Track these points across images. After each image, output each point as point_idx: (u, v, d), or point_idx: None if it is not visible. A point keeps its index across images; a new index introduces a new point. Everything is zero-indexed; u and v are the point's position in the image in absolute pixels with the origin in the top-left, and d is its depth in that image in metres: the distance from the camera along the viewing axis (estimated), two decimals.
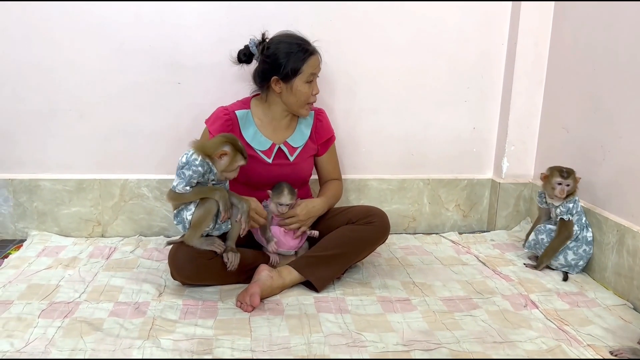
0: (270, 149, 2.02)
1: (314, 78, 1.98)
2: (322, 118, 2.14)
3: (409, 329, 1.64)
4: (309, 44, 1.96)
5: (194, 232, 1.78)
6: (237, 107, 2.03)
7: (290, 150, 2.05)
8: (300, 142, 2.07)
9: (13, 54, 2.22)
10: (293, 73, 1.93)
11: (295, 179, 2.06)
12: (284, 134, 2.06)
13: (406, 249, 2.33)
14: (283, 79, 1.94)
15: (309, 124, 2.11)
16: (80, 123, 2.32)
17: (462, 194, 2.60)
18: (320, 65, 2.00)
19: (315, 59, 1.96)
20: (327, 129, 2.16)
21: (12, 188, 2.34)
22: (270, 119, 2.04)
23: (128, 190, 2.39)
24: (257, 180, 2.01)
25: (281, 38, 1.97)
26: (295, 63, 1.92)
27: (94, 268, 2.04)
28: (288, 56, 1.92)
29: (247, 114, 2.02)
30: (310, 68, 1.94)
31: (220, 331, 1.61)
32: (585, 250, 2.06)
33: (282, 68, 1.92)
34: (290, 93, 1.97)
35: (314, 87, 1.99)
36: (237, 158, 1.77)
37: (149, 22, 2.25)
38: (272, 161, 2.02)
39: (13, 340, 1.51)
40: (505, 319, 1.72)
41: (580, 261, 2.07)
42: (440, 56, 2.45)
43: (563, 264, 2.09)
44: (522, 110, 2.49)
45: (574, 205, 2.07)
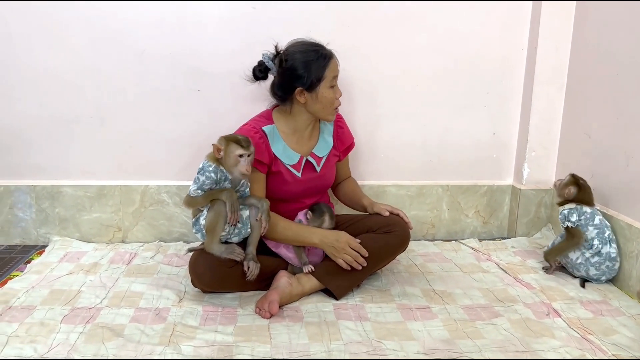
0: (298, 162, 1.99)
1: (336, 81, 1.96)
2: (342, 125, 2.14)
3: (430, 337, 1.63)
4: (324, 49, 1.93)
5: (211, 238, 1.79)
6: (263, 123, 1.97)
7: (317, 161, 2.03)
8: (325, 151, 2.06)
9: (35, 61, 2.26)
10: (317, 81, 1.89)
11: (322, 188, 2.07)
12: (308, 144, 2.04)
13: (425, 255, 2.31)
14: (307, 89, 1.90)
15: (330, 132, 2.10)
16: (102, 130, 2.35)
17: (482, 200, 2.58)
18: (339, 66, 1.98)
19: (334, 62, 1.93)
20: (348, 135, 2.16)
21: (34, 194, 2.37)
22: (293, 130, 2.01)
23: (148, 196, 2.41)
24: (287, 195, 1.99)
25: (297, 48, 1.93)
26: (318, 71, 1.88)
27: (114, 274, 2.06)
28: (308, 65, 1.88)
29: (273, 128, 1.97)
30: (331, 72, 1.91)
31: (240, 338, 1.61)
32: (609, 266, 2.00)
33: (304, 78, 1.88)
34: (316, 101, 1.92)
35: (337, 90, 1.97)
36: (231, 148, 1.75)
37: (170, 30, 2.27)
38: (302, 175, 2.00)
39: (36, 345, 1.53)
40: (528, 327, 1.69)
41: (602, 276, 2.02)
42: (460, 61, 2.43)
43: (584, 277, 2.05)
44: (543, 115, 2.46)
45: (569, 213, 2.05)
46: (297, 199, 2.02)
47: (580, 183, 2.09)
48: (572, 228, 2.04)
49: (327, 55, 1.91)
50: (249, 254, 1.83)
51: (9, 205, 2.37)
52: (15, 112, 2.30)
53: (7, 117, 2.30)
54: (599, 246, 2.00)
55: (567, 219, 2.05)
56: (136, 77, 2.30)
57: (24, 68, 2.26)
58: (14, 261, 2.20)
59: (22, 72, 2.26)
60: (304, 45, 1.93)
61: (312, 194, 2.06)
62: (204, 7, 2.26)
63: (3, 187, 2.36)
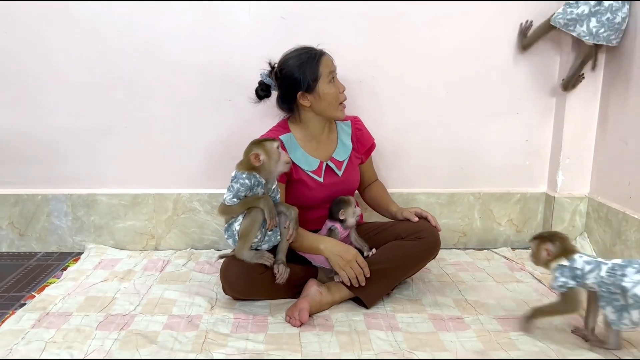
0: (319, 167, 2.00)
1: (334, 75, 1.95)
2: (360, 126, 2.13)
3: (463, 348, 1.60)
4: (314, 49, 1.94)
5: (243, 244, 1.80)
6: (280, 132, 2.00)
7: (337, 165, 2.03)
8: (345, 154, 2.06)
9: (71, 73, 2.32)
10: (314, 80, 1.90)
11: (347, 192, 2.05)
12: (327, 149, 2.05)
13: (457, 265, 2.29)
14: (307, 91, 1.92)
15: (349, 134, 2.09)
16: (136, 139, 2.40)
17: (515, 209, 2.53)
18: (334, 62, 1.97)
19: (327, 58, 1.93)
20: (367, 137, 2.15)
21: (70, 202, 2.43)
22: (309, 137, 2.02)
23: (181, 204, 2.45)
24: (311, 202, 2.00)
25: (287, 56, 1.95)
26: (312, 70, 1.89)
27: (148, 281, 2.09)
28: (302, 67, 1.90)
29: (290, 137, 2.00)
30: (326, 68, 1.91)
31: (271, 346, 1.61)
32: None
33: (301, 81, 1.90)
34: (320, 100, 1.93)
35: (338, 84, 1.96)
36: (267, 146, 1.78)
37: (202, 41, 2.30)
38: (324, 180, 2.00)
39: (73, 351, 1.57)
40: (564, 339, 1.65)
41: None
42: (492, 67, 2.40)
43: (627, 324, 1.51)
44: (578, 121, 2.41)
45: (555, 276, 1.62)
46: (322, 205, 2.01)
47: (549, 235, 1.70)
48: (564, 293, 1.61)
49: (317, 53, 1.92)
50: (279, 259, 1.85)
51: (46, 214, 2.43)
52: (53, 124, 2.37)
53: (45, 128, 2.37)
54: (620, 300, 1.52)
55: (553, 284, 1.63)
56: (169, 88, 2.35)
57: (61, 80, 2.33)
58: (50, 268, 2.26)
59: (58, 84, 2.33)
60: (293, 51, 1.95)
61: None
62: (235, 18, 2.29)
63: (40, 196, 2.42)
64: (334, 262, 1.85)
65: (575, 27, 2.15)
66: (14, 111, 2.35)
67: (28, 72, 2.31)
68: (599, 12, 2.10)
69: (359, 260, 1.85)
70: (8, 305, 1.90)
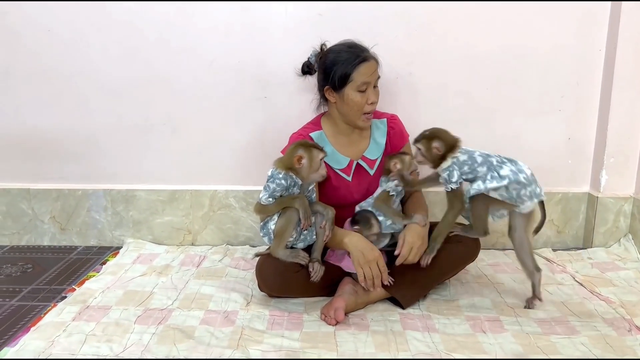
0: (348, 166, 1.97)
1: (368, 87, 1.86)
2: (395, 125, 2.06)
3: (502, 351, 1.57)
4: (362, 51, 1.85)
5: (278, 243, 1.80)
6: (310, 130, 1.99)
7: (369, 164, 1.99)
8: (378, 153, 2.01)
9: (113, 72, 2.36)
10: (342, 81, 1.84)
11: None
12: (359, 147, 2.01)
13: (496, 266, 2.24)
14: (334, 88, 1.87)
15: (383, 133, 2.03)
16: (174, 137, 2.43)
17: (556, 209, 2.47)
18: (378, 72, 1.89)
19: (368, 67, 1.84)
20: (402, 136, 2.07)
21: (110, 198, 2.48)
22: (340, 134, 1.99)
23: (217, 200, 2.47)
24: (340, 200, 1.97)
25: (334, 46, 1.91)
26: (344, 70, 1.83)
27: (185, 276, 2.12)
28: (336, 63, 1.85)
29: (321, 134, 1.98)
30: (361, 76, 1.83)
31: (307, 344, 1.61)
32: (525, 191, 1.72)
33: (330, 76, 1.86)
34: (343, 102, 1.88)
35: (370, 96, 1.87)
36: (314, 153, 1.77)
37: (238, 39, 2.31)
38: (352, 179, 1.98)
39: (112, 345, 1.59)
40: (608, 344, 1.60)
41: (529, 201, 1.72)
42: (532, 63, 2.34)
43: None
44: (623, 119, 2.33)
45: (450, 173, 1.73)
46: (352, 204, 1.97)
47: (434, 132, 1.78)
48: (453, 190, 1.74)
49: (360, 57, 1.84)
50: (314, 257, 1.84)
51: (86, 208, 2.49)
52: (93, 121, 2.42)
53: (86, 126, 2.42)
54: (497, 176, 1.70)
55: (448, 182, 1.74)
56: (206, 86, 2.37)
57: (102, 79, 2.37)
58: (90, 262, 2.31)
59: (99, 83, 2.38)
60: (341, 45, 1.91)
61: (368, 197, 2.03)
62: (271, 15, 2.29)
63: (81, 191, 2.48)
64: (354, 258, 1.80)
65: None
66: (57, 109, 2.41)
67: (70, 71, 2.37)
68: None
69: (380, 264, 1.80)
70: (50, 297, 1.95)
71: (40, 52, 2.35)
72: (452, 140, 1.77)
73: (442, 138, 1.76)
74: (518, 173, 1.71)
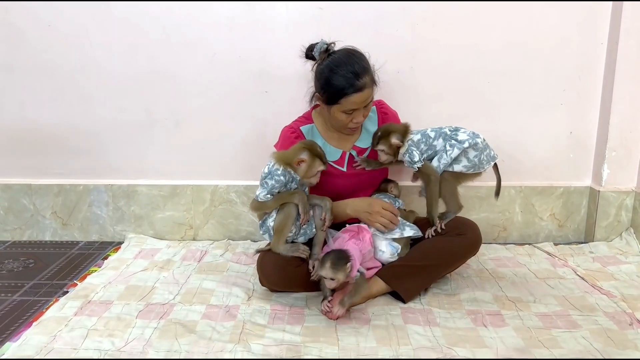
0: (341, 157, 1.99)
1: (355, 111, 1.85)
2: (386, 110, 2.07)
3: (503, 345, 1.57)
4: (359, 77, 1.78)
5: (278, 238, 1.81)
6: (301, 123, 2.01)
7: (360, 153, 2.01)
8: (369, 142, 2.01)
9: (114, 67, 2.36)
10: (331, 102, 1.84)
11: (373, 178, 2.04)
12: (351, 138, 2.03)
13: (497, 260, 2.24)
14: (323, 101, 1.88)
15: (374, 120, 2.04)
16: (175, 132, 2.42)
17: (558, 203, 2.46)
18: (372, 95, 1.87)
19: (360, 96, 1.80)
20: (393, 118, 2.07)
21: (111, 193, 2.48)
22: (331, 127, 2.01)
23: (218, 195, 2.47)
24: (336, 191, 1.98)
25: (337, 59, 1.83)
26: (334, 95, 1.81)
27: (186, 271, 2.12)
28: (329, 85, 1.81)
29: (312, 127, 2.00)
30: (350, 104, 1.81)
31: (308, 338, 1.61)
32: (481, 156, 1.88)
33: (323, 91, 1.85)
34: (330, 115, 1.90)
35: (355, 116, 1.86)
36: (315, 163, 1.78)
37: (239, 33, 2.31)
38: (347, 169, 1.99)
39: (114, 339, 1.60)
40: (609, 338, 1.60)
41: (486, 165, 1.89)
42: (535, 58, 2.34)
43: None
44: (625, 113, 2.32)
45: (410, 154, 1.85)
46: (350, 194, 1.99)
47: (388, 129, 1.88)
48: (422, 167, 1.86)
49: (353, 87, 1.79)
50: (315, 254, 1.85)
51: (87, 204, 2.49)
52: (95, 116, 2.42)
53: (87, 120, 2.42)
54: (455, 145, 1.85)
55: (413, 163, 1.86)
56: (207, 81, 2.36)
57: (104, 74, 2.37)
58: (92, 257, 2.31)
59: (101, 77, 2.37)
60: (342, 62, 1.81)
61: (365, 187, 2.05)
62: (273, 10, 2.28)
63: (82, 186, 2.48)
64: (365, 220, 1.89)
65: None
66: (59, 104, 2.41)
67: (72, 66, 2.36)
68: None
69: (385, 206, 1.88)
70: (52, 292, 1.96)
71: (41, 48, 2.35)
72: (403, 128, 1.89)
73: (396, 131, 1.88)
74: (474, 137, 1.86)
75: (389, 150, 1.88)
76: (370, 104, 1.88)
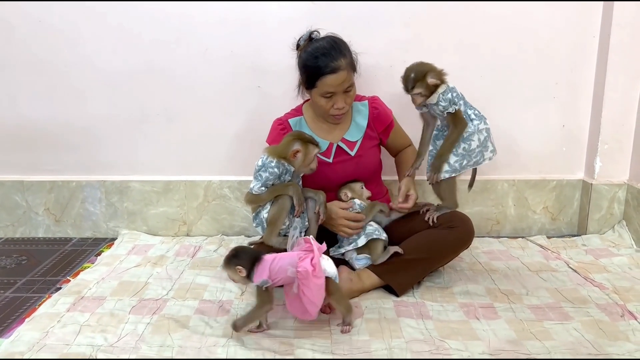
0: (328, 149, 2.01)
1: (335, 94, 1.88)
2: (377, 105, 2.08)
3: (495, 337, 1.57)
4: (334, 59, 1.83)
5: (271, 231, 1.81)
6: (291, 116, 2.06)
7: (349, 146, 2.02)
8: (358, 135, 2.03)
9: (105, 62, 2.35)
10: (309, 85, 1.90)
11: (361, 173, 2.03)
12: (339, 131, 2.04)
13: (490, 253, 2.24)
14: (304, 86, 1.95)
15: (365, 115, 2.05)
16: (168, 127, 2.42)
17: (551, 196, 2.47)
18: (351, 79, 1.89)
19: (335, 78, 1.84)
20: (385, 115, 2.08)
21: (104, 189, 2.47)
22: (321, 119, 2.03)
23: (211, 191, 2.46)
24: (324, 183, 1.98)
25: (316, 45, 1.89)
26: (311, 77, 1.87)
27: (180, 266, 2.12)
28: (306, 68, 1.89)
29: (300, 120, 2.04)
30: (325, 86, 1.85)
31: (301, 332, 1.61)
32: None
33: (301, 76, 1.93)
34: (312, 101, 1.97)
35: (336, 101, 1.89)
36: (309, 149, 1.80)
37: (232, 28, 2.30)
38: (333, 160, 2.00)
39: (107, 335, 1.59)
40: (601, 329, 1.61)
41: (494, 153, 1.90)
42: (527, 51, 2.34)
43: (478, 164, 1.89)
44: (617, 106, 2.33)
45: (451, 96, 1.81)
46: (336, 186, 2.00)
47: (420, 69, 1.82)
48: (457, 111, 1.80)
49: (328, 68, 1.83)
50: None
51: (80, 200, 2.48)
52: (87, 112, 2.41)
53: (80, 116, 2.41)
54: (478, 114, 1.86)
55: (453, 104, 1.79)
56: (200, 76, 2.36)
57: (95, 69, 2.36)
58: (85, 253, 2.30)
59: (93, 73, 2.36)
60: (319, 46, 1.88)
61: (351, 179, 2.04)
62: (265, 4, 2.27)
63: (75, 183, 2.47)
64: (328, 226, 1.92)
65: None
66: (51, 100, 2.40)
67: (64, 61, 2.35)
68: None
69: (345, 215, 1.88)
70: (44, 289, 1.95)
71: (33, 43, 2.33)
72: (437, 68, 1.83)
73: (431, 70, 1.81)
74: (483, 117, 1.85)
75: (426, 92, 1.78)
76: (351, 90, 1.91)
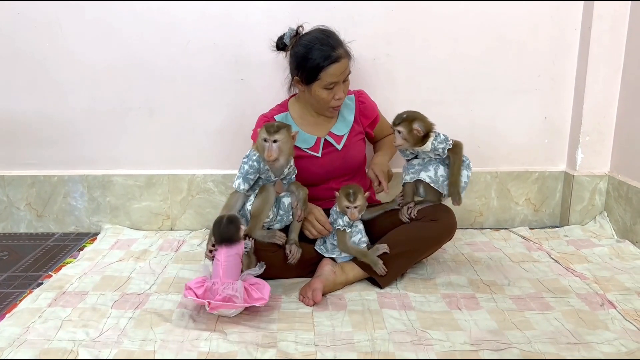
0: (316, 143, 2.01)
1: (336, 84, 1.90)
2: (363, 99, 2.09)
3: (477, 327, 1.59)
4: (334, 48, 1.86)
5: (254, 223, 1.80)
6: (276, 112, 2.05)
7: (336, 140, 2.03)
8: (345, 129, 2.05)
9: (86, 56, 2.32)
10: (310, 78, 1.89)
11: (347, 166, 2.04)
12: (326, 125, 2.05)
13: (473, 245, 2.26)
14: (302, 81, 1.92)
15: (352, 109, 2.07)
16: (151, 121, 2.40)
17: (533, 188, 2.49)
18: (349, 68, 1.92)
19: (338, 67, 1.87)
20: (371, 109, 2.10)
21: (86, 184, 2.45)
22: (309, 115, 2.04)
23: (195, 185, 2.45)
24: (312, 177, 1.99)
25: (308, 36, 1.91)
26: (313, 69, 1.86)
27: (163, 260, 2.11)
28: (306, 61, 1.87)
29: (286, 115, 2.03)
30: (329, 77, 1.87)
31: (284, 324, 1.61)
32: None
33: (299, 71, 1.90)
34: (310, 96, 1.95)
35: (337, 92, 1.91)
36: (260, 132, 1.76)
37: (214, 20, 2.28)
38: (321, 155, 2.01)
39: (88, 329, 1.58)
40: (581, 319, 1.63)
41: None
42: (509, 43, 2.35)
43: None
44: (598, 98, 2.35)
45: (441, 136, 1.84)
46: (323, 182, 2.02)
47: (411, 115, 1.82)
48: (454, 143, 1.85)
49: (331, 57, 1.86)
50: (291, 239, 1.86)
51: (62, 195, 2.46)
52: (68, 105, 2.38)
53: (61, 110, 2.38)
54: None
55: (446, 142, 1.84)
56: (182, 69, 2.34)
57: (76, 63, 2.33)
58: (68, 248, 2.28)
59: (73, 66, 2.33)
60: (314, 37, 1.90)
61: (339, 175, 2.05)
62: None
63: (57, 177, 2.44)
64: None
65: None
66: (31, 93, 2.37)
67: (44, 54, 2.32)
68: None
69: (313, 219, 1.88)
70: (26, 284, 1.93)
71: (11, 35, 2.30)
72: (429, 123, 1.84)
73: (421, 119, 1.82)
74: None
75: (407, 135, 1.80)
76: (348, 77, 1.93)
